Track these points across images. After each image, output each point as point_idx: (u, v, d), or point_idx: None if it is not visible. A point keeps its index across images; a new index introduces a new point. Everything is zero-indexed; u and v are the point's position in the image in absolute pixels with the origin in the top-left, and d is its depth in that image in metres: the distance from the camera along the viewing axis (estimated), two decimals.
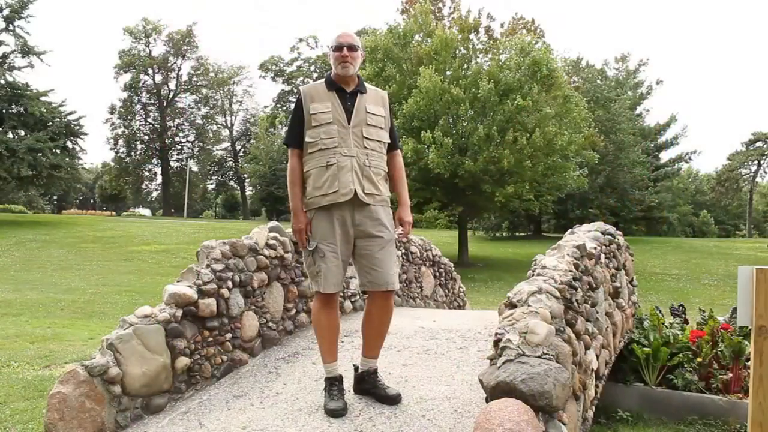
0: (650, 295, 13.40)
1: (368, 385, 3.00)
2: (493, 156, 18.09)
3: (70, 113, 28.73)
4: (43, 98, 28.01)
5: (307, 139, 2.92)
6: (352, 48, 2.92)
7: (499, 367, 2.33)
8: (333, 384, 2.92)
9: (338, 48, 2.92)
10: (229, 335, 3.53)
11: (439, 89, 18.25)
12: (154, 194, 62.85)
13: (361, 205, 2.89)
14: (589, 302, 3.39)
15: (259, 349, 3.80)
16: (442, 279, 6.59)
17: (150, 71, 49.71)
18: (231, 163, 56.54)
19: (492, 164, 18.31)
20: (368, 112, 2.95)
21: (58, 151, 27.81)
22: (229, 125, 56.00)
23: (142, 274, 14.97)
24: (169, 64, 50.50)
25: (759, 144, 44.43)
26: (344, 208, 2.88)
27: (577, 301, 3.05)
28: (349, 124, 2.90)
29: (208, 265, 3.47)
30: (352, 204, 2.87)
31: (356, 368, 3.07)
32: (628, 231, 33.66)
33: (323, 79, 3.03)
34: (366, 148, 2.92)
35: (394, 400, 2.91)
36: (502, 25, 22.74)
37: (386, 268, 2.91)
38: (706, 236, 48.23)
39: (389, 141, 3.05)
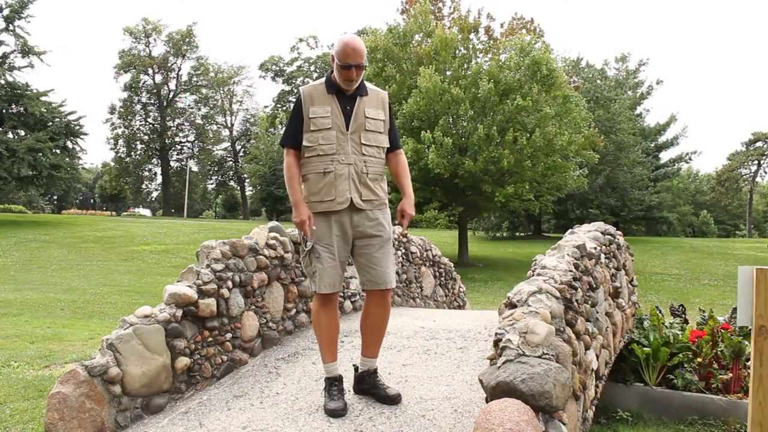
0: (650, 295, 13.40)
1: (368, 386, 3.00)
2: (493, 156, 18.08)
3: (70, 113, 28.75)
4: (43, 98, 28.01)
5: (305, 143, 2.91)
6: (359, 67, 2.84)
7: (499, 367, 2.32)
8: (333, 384, 2.92)
9: (346, 67, 2.82)
10: (229, 335, 3.53)
11: (439, 89, 18.24)
12: (154, 194, 62.85)
13: (358, 209, 2.91)
14: (589, 302, 3.38)
15: (259, 349, 3.80)
16: (442, 279, 6.59)
17: (150, 71, 49.71)
18: (231, 163, 56.54)
19: (492, 164, 18.30)
20: (367, 117, 2.93)
21: (58, 151, 27.82)
22: (229, 125, 56.03)
23: (142, 274, 14.97)
24: (169, 64, 50.51)
25: (759, 144, 44.40)
26: (342, 213, 2.90)
27: (577, 301, 3.05)
28: (347, 129, 2.89)
29: (208, 265, 3.47)
30: (350, 209, 2.89)
31: (356, 368, 3.07)
32: (628, 231, 33.67)
33: (323, 79, 2.99)
34: (364, 154, 2.91)
35: (393, 400, 2.91)
36: (501, 25, 22.72)
37: (384, 266, 2.93)
38: (706, 236, 48.24)
39: (388, 145, 3.03)
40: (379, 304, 2.98)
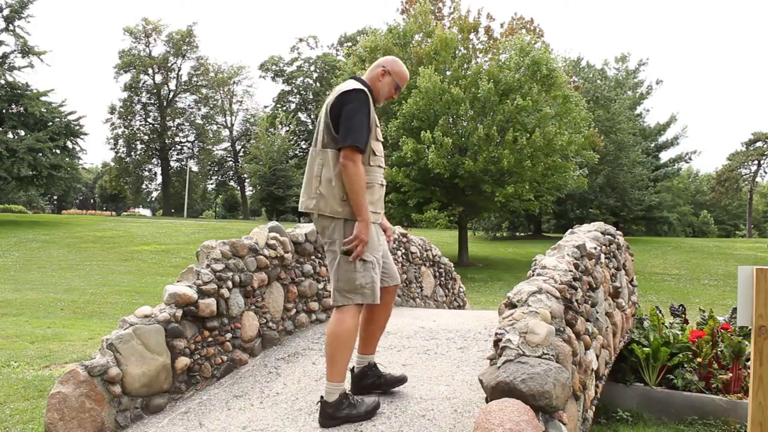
0: (650, 295, 13.41)
1: (373, 377, 2.98)
2: (493, 156, 18.09)
3: (70, 113, 28.78)
4: (43, 98, 28.04)
5: (372, 150, 2.84)
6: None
7: (499, 367, 2.32)
8: (347, 395, 2.77)
9: (398, 89, 3.01)
10: (229, 335, 3.53)
11: (439, 89, 18.25)
12: (154, 194, 62.86)
13: None
14: (589, 302, 3.38)
15: (259, 349, 3.80)
16: (442, 279, 6.59)
17: (150, 71, 49.74)
18: (231, 163, 56.54)
19: (492, 164, 18.31)
20: None
21: (58, 151, 27.85)
22: (229, 125, 56.05)
23: (142, 274, 14.98)
24: (169, 64, 50.53)
25: (759, 144, 44.43)
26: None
27: (577, 301, 3.04)
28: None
29: (208, 265, 3.46)
30: None
31: (352, 369, 3.02)
32: (628, 231, 33.71)
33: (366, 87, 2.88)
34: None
35: (402, 380, 3.00)
36: (501, 25, 22.73)
37: (392, 262, 3.07)
38: (706, 236, 48.30)
39: None
40: (391, 301, 3.03)
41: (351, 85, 2.80)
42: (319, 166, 2.78)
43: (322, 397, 2.74)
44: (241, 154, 55.27)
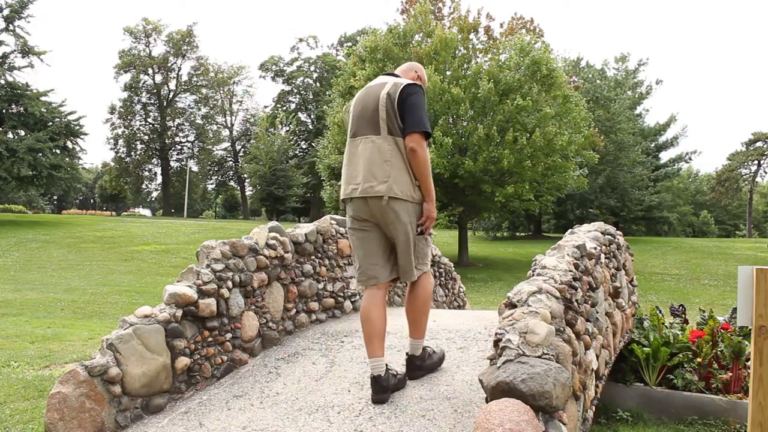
0: (650, 295, 13.40)
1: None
2: (493, 156, 18.09)
3: (70, 113, 28.80)
4: (43, 98, 28.07)
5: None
6: None
7: (499, 367, 2.32)
8: (425, 348, 3.22)
9: None
10: (229, 335, 3.53)
11: (439, 89, 18.25)
12: (154, 194, 62.91)
13: None
14: (589, 302, 3.38)
15: (259, 349, 3.80)
16: (442, 279, 6.59)
17: (150, 71, 49.77)
18: (231, 163, 56.55)
19: (492, 164, 18.31)
20: None
21: (58, 151, 27.87)
22: (229, 125, 56.06)
23: (142, 274, 14.98)
24: (169, 64, 50.57)
25: (759, 144, 44.46)
26: None
27: (577, 301, 3.04)
28: None
29: (208, 265, 3.46)
30: None
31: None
32: (628, 231, 33.74)
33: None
34: None
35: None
36: (501, 25, 22.73)
37: None
38: (706, 236, 48.34)
39: None
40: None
41: (405, 80, 3.03)
42: (389, 152, 2.91)
43: (407, 353, 3.17)
44: (241, 154, 55.30)
